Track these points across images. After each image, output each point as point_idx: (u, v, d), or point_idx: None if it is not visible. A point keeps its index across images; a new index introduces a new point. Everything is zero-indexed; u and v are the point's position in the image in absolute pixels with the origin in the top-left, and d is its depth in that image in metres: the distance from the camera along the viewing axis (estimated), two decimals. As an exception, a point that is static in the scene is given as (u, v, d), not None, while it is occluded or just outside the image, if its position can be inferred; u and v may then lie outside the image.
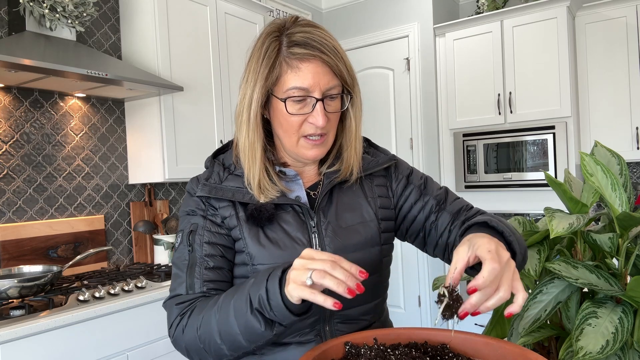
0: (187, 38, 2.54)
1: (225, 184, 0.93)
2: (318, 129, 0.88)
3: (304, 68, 0.85)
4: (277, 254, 0.89)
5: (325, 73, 0.86)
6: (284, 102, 0.86)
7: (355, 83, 0.93)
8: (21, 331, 1.55)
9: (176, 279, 0.91)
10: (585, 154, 0.72)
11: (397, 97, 3.48)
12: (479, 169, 3.18)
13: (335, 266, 0.66)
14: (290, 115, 0.87)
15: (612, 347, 0.63)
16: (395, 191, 1.02)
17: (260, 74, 0.87)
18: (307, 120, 0.87)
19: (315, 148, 0.90)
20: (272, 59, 0.86)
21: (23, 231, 2.13)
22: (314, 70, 0.85)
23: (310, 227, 0.91)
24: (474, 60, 3.20)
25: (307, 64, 0.85)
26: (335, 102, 0.90)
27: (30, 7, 1.99)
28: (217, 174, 0.94)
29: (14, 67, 1.72)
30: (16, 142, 2.16)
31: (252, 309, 0.75)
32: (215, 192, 0.92)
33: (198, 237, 0.91)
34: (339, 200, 0.96)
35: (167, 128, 2.42)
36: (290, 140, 0.90)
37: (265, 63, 0.86)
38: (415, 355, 0.62)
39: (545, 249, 0.76)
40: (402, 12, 3.42)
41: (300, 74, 0.85)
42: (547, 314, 0.72)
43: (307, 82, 0.85)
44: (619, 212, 0.70)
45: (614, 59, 2.93)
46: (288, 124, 0.88)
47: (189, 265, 0.90)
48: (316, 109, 0.86)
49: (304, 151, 0.91)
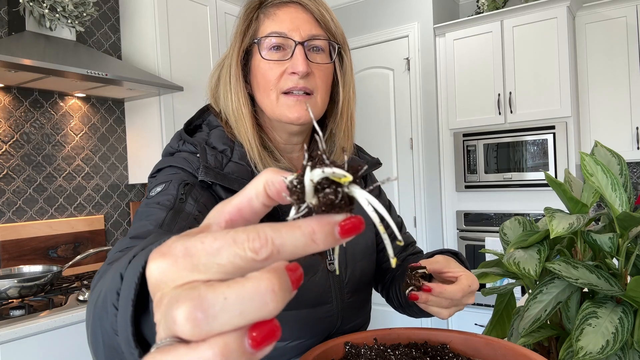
0: (187, 38, 2.54)
1: (227, 172, 0.74)
2: (300, 81, 0.74)
3: (281, 13, 0.76)
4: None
5: (307, 20, 0.76)
6: (257, 45, 0.76)
7: (345, 42, 0.81)
8: (21, 331, 1.55)
9: (144, 218, 0.64)
10: (585, 154, 0.72)
11: (397, 97, 3.47)
12: (479, 169, 3.17)
13: (238, 288, 0.23)
14: (268, 65, 0.75)
15: (613, 347, 0.63)
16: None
17: (238, 32, 0.78)
18: (287, 72, 0.75)
19: (298, 105, 0.75)
20: (250, 16, 0.78)
21: (23, 231, 2.13)
22: (293, 14, 0.76)
23: None
24: (474, 60, 3.20)
25: (285, 9, 0.76)
26: (321, 56, 0.78)
27: (30, 7, 1.99)
28: (215, 158, 0.74)
29: (14, 67, 1.72)
30: (16, 142, 2.16)
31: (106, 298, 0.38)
32: (222, 178, 0.72)
33: (195, 193, 0.69)
34: None
35: (167, 128, 2.42)
36: (270, 99, 0.76)
37: (242, 21, 0.78)
38: (416, 355, 0.62)
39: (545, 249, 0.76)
40: (402, 12, 3.42)
41: (277, 18, 0.76)
42: (547, 314, 0.72)
43: (285, 25, 0.75)
44: (619, 212, 0.70)
45: (614, 59, 2.93)
46: (265, 78, 0.76)
47: (173, 207, 0.65)
48: (295, 54, 0.74)
49: (285, 111, 0.75)
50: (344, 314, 0.82)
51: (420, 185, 3.39)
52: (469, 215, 3.24)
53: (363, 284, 0.87)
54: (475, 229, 3.21)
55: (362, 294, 0.87)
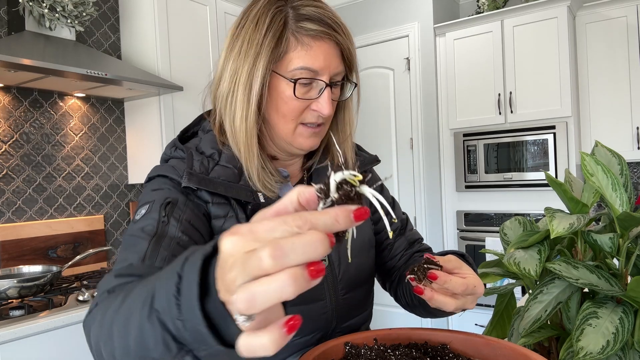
0: (187, 38, 2.54)
1: (213, 176, 0.75)
2: (320, 118, 0.77)
3: (316, 47, 0.74)
4: None
5: (336, 56, 0.76)
6: (294, 83, 0.74)
7: (357, 72, 0.84)
8: (21, 331, 1.55)
9: (129, 247, 0.67)
10: (586, 154, 0.72)
11: (397, 97, 3.47)
12: (480, 169, 3.17)
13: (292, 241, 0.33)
14: (295, 99, 0.75)
15: (613, 348, 0.63)
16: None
17: (264, 46, 0.73)
18: (311, 107, 0.76)
19: (313, 137, 0.79)
20: (280, 31, 0.73)
21: (23, 231, 2.13)
22: (327, 50, 0.75)
23: None
24: (474, 60, 3.20)
25: (321, 42, 0.74)
26: (337, 90, 0.81)
27: (29, 7, 1.99)
28: (201, 163, 0.75)
29: (13, 67, 1.71)
30: (16, 142, 2.16)
31: (151, 309, 0.41)
32: (206, 183, 0.73)
33: (178, 212, 0.70)
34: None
35: (166, 128, 2.42)
36: (287, 127, 0.78)
37: (272, 34, 0.73)
38: (416, 355, 0.62)
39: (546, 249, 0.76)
40: (402, 11, 3.42)
41: (312, 53, 0.74)
42: (547, 314, 0.71)
43: (318, 63, 0.74)
44: (620, 212, 0.69)
45: (615, 58, 2.93)
46: (288, 108, 0.76)
47: (156, 234, 0.67)
48: (323, 96, 0.75)
49: (300, 140, 0.79)
50: (339, 312, 0.82)
51: (421, 185, 3.39)
52: (469, 215, 3.24)
53: (360, 282, 0.86)
54: (476, 229, 3.21)
55: (359, 292, 0.86)
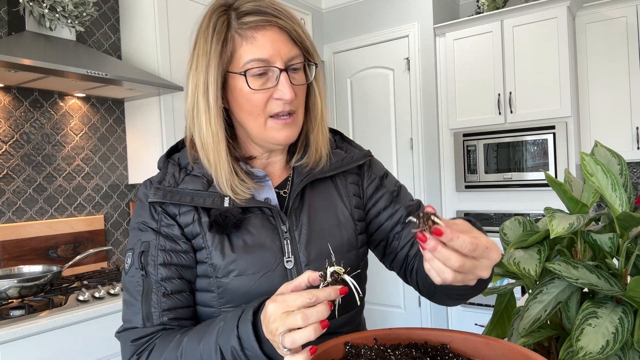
0: (187, 38, 2.53)
1: (182, 187, 0.80)
2: (286, 105, 0.77)
3: (259, 37, 0.75)
4: (246, 264, 0.78)
5: (285, 41, 0.76)
6: (244, 76, 0.75)
7: (316, 53, 0.82)
8: (21, 331, 1.55)
9: (130, 307, 0.79)
10: (586, 154, 0.72)
11: (397, 97, 3.47)
12: (479, 169, 3.17)
13: (311, 310, 0.58)
14: (253, 92, 0.76)
15: (613, 347, 0.63)
16: (366, 192, 0.92)
17: (212, 53, 0.76)
18: (273, 97, 0.76)
19: (287, 128, 0.79)
20: (223, 34, 0.76)
21: (23, 231, 2.13)
22: (272, 37, 0.75)
23: (282, 232, 0.81)
24: (474, 60, 3.20)
25: (263, 31, 0.75)
26: (299, 75, 0.80)
27: (30, 7, 1.99)
28: (172, 176, 0.82)
29: (13, 67, 1.71)
30: (16, 142, 2.16)
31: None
32: (172, 196, 0.79)
33: (151, 259, 0.78)
34: (311, 200, 0.85)
35: (167, 128, 2.42)
36: (257, 123, 0.78)
37: (216, 40, 0.76)
38: (416, 355, 0.62)
39: (546, 249, 0.76)
40: (402, 12, 3.42)
41: (257, 43, 0.75)
42: (547, 314, 0.71)
43: (266, 51, 0.75)
44: (619, 212, 0.70)
45: (614, 58, 2.93)
46: (251, 104, 0.77)
47: (143, 292, 0.78)
48: (281, 81, 0.75)
49: (273, 134, 0.79)
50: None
51: (421, 185, 3.39)
52: (469, 215, 3.24)
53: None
54: (475, 229, 3.20)
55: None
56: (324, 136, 0.86)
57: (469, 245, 0.54)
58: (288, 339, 0.57)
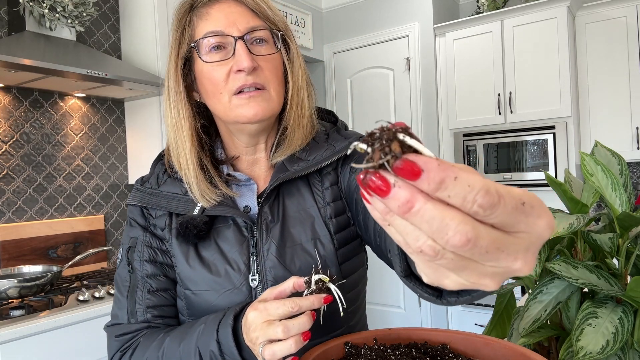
0: (187, 38, 2.54)
1: (163, 189, 0.78)
2: (249, 78, 0.70)
3: (213, 12, 0.72)
4: (208, 279, 0.74)
5: (242, 13, 0.72)
6: (197, 50, 0.72)
7: (287, 28, 0.76)
8: (21, 331, 1.55)
9: (117, 302, 0.80)
10: (586, 154, 0.72)
11: (397, 97, 3.47)
12: (479, 169, 3.17)
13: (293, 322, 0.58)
14: (212, 69, 0.71)
15: (613, 347, 0.63)
16: (342, 181, 0.79)
17: (172, 42, 0.75)
18: (232, 71, 0.71)
19: (253, 102, 0.71)
20: (183, 20, 0.75)
21: (23, 231, 2.13)
22: (227, 10, 0.72)
23: (251, 246, 0.75)
24: (474, 60, 3.20)
25: (218, 5, 0.72)
26: (265, 47, 0.73)
27: (30, 7, 1.99)
28: (156, 177, 0.81)
29: (14, 67, 1.72)
30: (16, 142, 2.16)
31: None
32: (148, 200, 0.78)
33: (137, 255, 0.78)
34: (286, 208, 0.77)
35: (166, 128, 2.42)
36: (222, 103, 0.72)
37: (176, 28, 0.75)
38: (416, 355, 0.62)
39: (545, 249, 0.76)
40: (402, 12, 3.42)
41: (210, 17, 0.72)
42: (547, 314, 0.71)
43: (220, 22, 0.71)
44: (619, 212, 0.70)
45: (614, 59, 2.93)
46: (211, 82, 0.72)
47: (129, 287, 0.78)
48: (237, 50, 0.70)
49: (240, 111, 0.71)
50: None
51: (420, 185, 3.39)
52: (469, 215, 3.24)
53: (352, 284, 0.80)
54: (475, 229, 3.20)
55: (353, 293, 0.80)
56: (301, 119, 0.77)
57: (485, 196, 0.25)
58: (268, 351, 0.57)
